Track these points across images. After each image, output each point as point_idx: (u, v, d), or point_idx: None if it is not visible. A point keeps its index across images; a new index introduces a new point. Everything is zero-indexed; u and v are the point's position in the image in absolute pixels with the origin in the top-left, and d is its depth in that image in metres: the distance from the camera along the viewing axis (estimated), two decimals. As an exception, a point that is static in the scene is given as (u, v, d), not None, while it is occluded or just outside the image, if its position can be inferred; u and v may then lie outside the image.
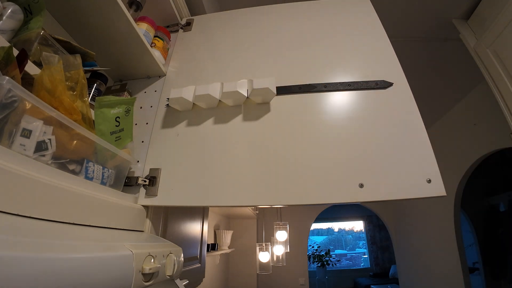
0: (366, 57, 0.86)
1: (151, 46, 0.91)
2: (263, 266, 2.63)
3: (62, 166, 0.51)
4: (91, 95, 0.74)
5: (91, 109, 0.63)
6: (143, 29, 0.88)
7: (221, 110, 0.83)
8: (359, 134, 0.72)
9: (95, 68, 0.73)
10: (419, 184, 0.63)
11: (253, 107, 0.82)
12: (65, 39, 0.65)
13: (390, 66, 0.82)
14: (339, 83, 0.80)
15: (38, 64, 0.54)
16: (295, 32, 0.97)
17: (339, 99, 0.79)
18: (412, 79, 2.32)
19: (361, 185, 0.64)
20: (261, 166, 0.72)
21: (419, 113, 0.72)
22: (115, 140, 0.69)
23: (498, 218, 3.98)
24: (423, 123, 0.71)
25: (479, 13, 1.61)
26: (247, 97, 0.79)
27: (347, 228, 8.91)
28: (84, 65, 0.65)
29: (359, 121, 0.74)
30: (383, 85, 0.78)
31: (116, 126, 0.70)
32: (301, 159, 0.71)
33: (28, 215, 0.37)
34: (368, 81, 0.79)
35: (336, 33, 0.94)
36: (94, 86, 0.75)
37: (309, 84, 0.79)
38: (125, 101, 0.73)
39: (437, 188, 0.62)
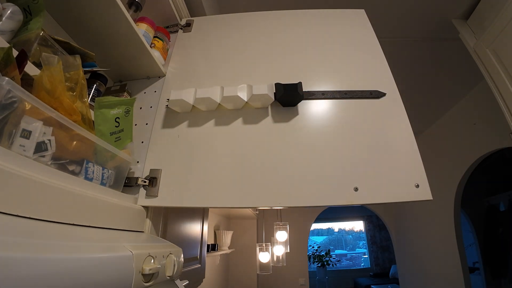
0: (362, 67, 0.89)
1: (151, 47, 0.91)
2: (263, 266, 2.62)
3: (62, 167, 0.51)
4: (90, 96, 0.74)
5: (90, 110, 0.63)
6: (142, 30, 0.88)
7: (220, 113, 0.83)
8: (354, 141, 0.75)
9: (94, 69, 0.73)
10: (408, 188, 0.67)
11: (252, 111, 0.82)
12: (64, 40, 0.65)
13: (383, 77, 0.86)
14: (337, 91, 0.83)
15: (38, 65, 0.54)
16: (294, 39, 0.98)
17: (336, 107, 0.82)
18: (412, 79, 2.33)
19: (356, 189, 0.67)
20: (260, 168, 0.73)
21: (409, 122, 0.77)
22: (115, 141, 0.69)
23: (498, 217, 3.98)
24: (412, 132, 0.75)
25: (479, 13, 1.61)
26: (246, 101, 0.79)
27: (347, 228, 8.91)
28: (83, 66, 0.65)
29: (355, 128, 0.77)
30: (377, 95, 0.82)
31: (116, 126, 0.70)
32: (299, 162, 0.72)
33: (28, 216, 0.37)
34: (363, 91, 0.83)
35: (333, 43, 0.96)
36: (94, 86, 0.75)
37: (307, 91, 0.81)
38: (124, 102, 0.73)
39: (424, 193, 0.66)
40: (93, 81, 0.76)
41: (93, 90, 0.75)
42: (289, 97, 0.76)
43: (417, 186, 0.66)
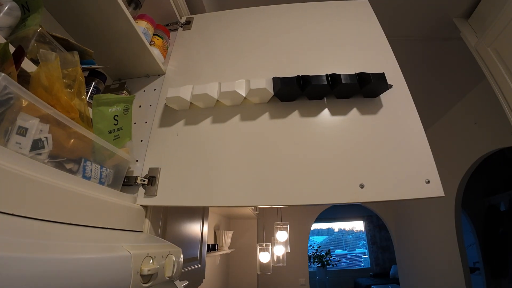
0: (367, 59, 0.86)
1: (150, 44, 0.90)
2: (263, 266, 2.62)
3: (59, 165, 0.50)
4: (89, 94, 0.73)
5: (89, 108, 0.62)
6: (142, 27, 0.87)
7: (219, 110, 0.82)
8: (359, 135, 0.72)
9: (93, 66, 0.72)
10: (418, 184, 0.64)
11: (251, 107, 0.81)
12: (63, 37, 0.64)
13: (390, 68, 0.82)
14: None
15: (35, 62, 0.53)
16: (294, 33, 0.97)
17: (341, 101, 0.79)
18: (413, 78, 2.32)
19: (362, 186, 0.64)
20: (261, 166, 0.71)
21: (417, 115, 0.74)
22: (114, 139, 0.69)
23: (499, 217, 3.97)
24: (421, 125, 0.72)
25: (480, 12, 1.61)
26: (245, 97, 0.78)
27: (347, 228, 8.91)
28: (82, 63, 0.64)
29: (360, 122, 0.74)
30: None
31: (115, 124, 0.69)
32: (301, 159, 0.70)
33: (24, 215, 0.36)
34: None
35: (336, 35, 0.94)
36: (93, 84, 0.74)
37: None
38: (123, 99, 0.72)
39: (436, 189, 0.63)
40: (92, 79, 0.75)
41: (91, 88, 0.74)
42: (314, 90, 0.74)
43: (428, 182, 0.63)
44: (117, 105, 0.69)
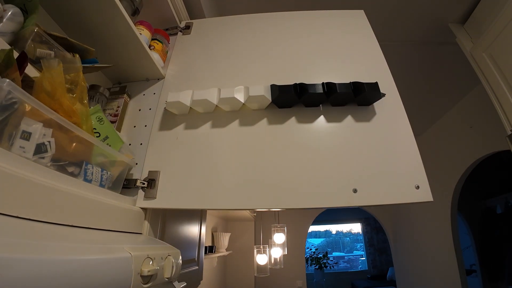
0: (361, 68, 0.89)
1: (150, 49, 0.91)
2: (260, 268, 2.62)
3: (61, 169, 0.51)
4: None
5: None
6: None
7: (218, 115, 0.84)
8: (353, 142, 0.75)
9: (96, 65, 0.72)
10: (408, 190, 0.66)
11: (249, 113, 0.83)
12: (61, 36, 0.63)
13: (383, 78, 0.85)
14: None
15: (33, 62, 0.54)
16: (292, 41, 0.99)
17: (335, 108, 0.81)
18: (409, 82, 2.33)
19: (355, 190, 0.67)
20: (258, 170, 0.73)
21: (409, 123, 0.77)
22: (107, 147, 0.68)
23: (495, 220, 4.00)
24: (412, 133, 0.75)
25: (476, 18, 1.63)
26: (243, 103, 0.80)
27: (344, 231, 8.93)
28: (84, 62, 0.64)
29: (354, 129, 0.77)
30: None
31: (98, 136, 0.67)
32: (297, 164, 0.72)
33: (27, 217, 0.37)
34: None
35: (332, 45, 0.96)
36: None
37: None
38: (92, 112, 0.68)
39: (425, 194, 0.66)
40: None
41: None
42: (310, 98, 0.76)
43: (417, 187, 0.66)
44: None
